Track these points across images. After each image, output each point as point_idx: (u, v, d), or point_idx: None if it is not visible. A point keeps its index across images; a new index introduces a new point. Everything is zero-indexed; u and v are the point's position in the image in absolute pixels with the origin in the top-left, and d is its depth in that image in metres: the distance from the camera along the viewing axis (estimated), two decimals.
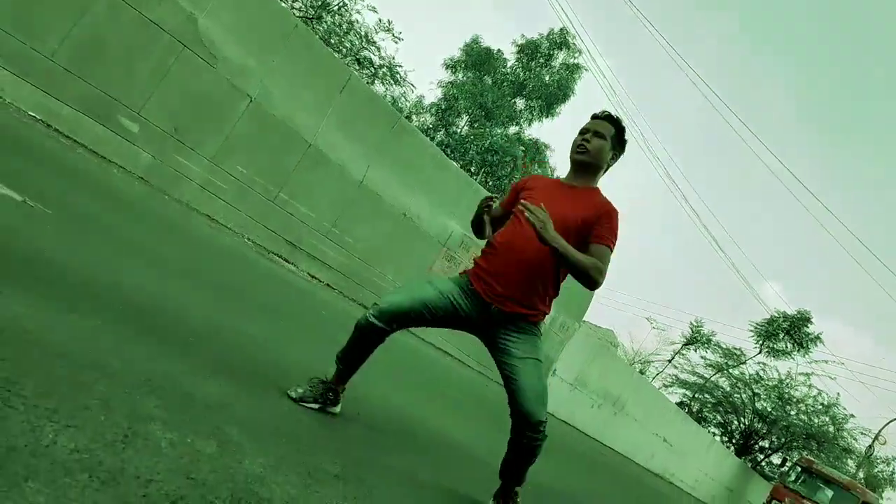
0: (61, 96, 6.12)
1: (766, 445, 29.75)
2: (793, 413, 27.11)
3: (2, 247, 2.25)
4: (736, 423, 29.90)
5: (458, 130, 20.99)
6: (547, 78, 21.21)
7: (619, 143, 2.69)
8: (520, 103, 21.64)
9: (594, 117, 2.71)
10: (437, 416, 4.64)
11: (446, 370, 8.75)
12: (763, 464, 30.65)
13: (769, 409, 27.53)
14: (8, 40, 5.77)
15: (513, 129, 21.76)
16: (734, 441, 29.80)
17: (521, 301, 2.51)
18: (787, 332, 25.51)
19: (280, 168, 7.91)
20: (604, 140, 2.62)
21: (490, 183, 19.57)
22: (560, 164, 23.08)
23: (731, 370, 28.14)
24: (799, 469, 21.20)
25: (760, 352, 26.56)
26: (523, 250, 2.50)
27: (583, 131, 2.66)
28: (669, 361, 30.35)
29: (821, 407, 27.04)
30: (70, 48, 6.11)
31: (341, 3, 16.75)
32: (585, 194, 2.60)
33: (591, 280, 2.42)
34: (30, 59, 5.91)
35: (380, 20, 17.78)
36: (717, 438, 29.43)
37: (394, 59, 18.27)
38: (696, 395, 29.66)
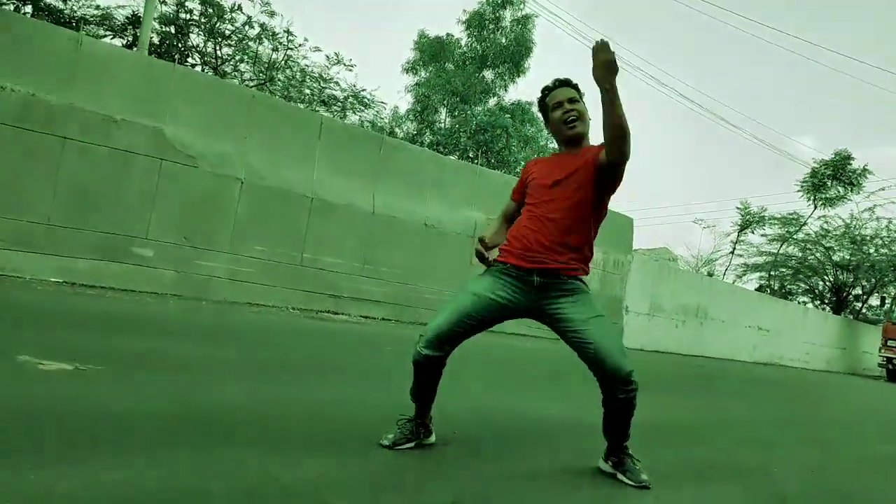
0: (72, 253, 6.32)
1: (859, 292, 29.03)
2: (871, 251, 26.37)
3: (75, 418, 2.32)
4: (821, 283, 29.24)
5: (443, 125, 20.98)
6: (504, 41, 21.06)
7: (580, 94, 2.73)
8: (488, 75, 21.53)
9: (550, 90, 2.72)
10: (523, 399, 4.65)
11: (506, 350, 8.75)
12: (864, 311, 29.92)
13: (847, 257, 26.84)
14: (4, 224, 5.97)
15: (492, 102, 21.68)
16: (827, 301, 29.16)
17: (558, 252, 2.53)
18: (833, 177, 24.79)
19: (294, 232, 8.02)
20: (578, 101, 2.67)
21: (493, 161, 19.51)
22: None
23: (794, 236, 27.50)
24: None
25: (816, 207, 25.89)
26: (547, 215, 2.56)
27: (557, 106, 2.67)
28: (732, 252, 29.80)
29: None
30: (60, 206, 6.29)
31: (286, 57, 16.88)
32: (582, 152, 2.65)
33: (624, 142, 2.35)
34: (30, 232, 6.11)
35: (327, 56, 17.89)
36: (810, 305, 28.83)
37: (355, 85, 18.39)
38: (772, 273, 29.06)
